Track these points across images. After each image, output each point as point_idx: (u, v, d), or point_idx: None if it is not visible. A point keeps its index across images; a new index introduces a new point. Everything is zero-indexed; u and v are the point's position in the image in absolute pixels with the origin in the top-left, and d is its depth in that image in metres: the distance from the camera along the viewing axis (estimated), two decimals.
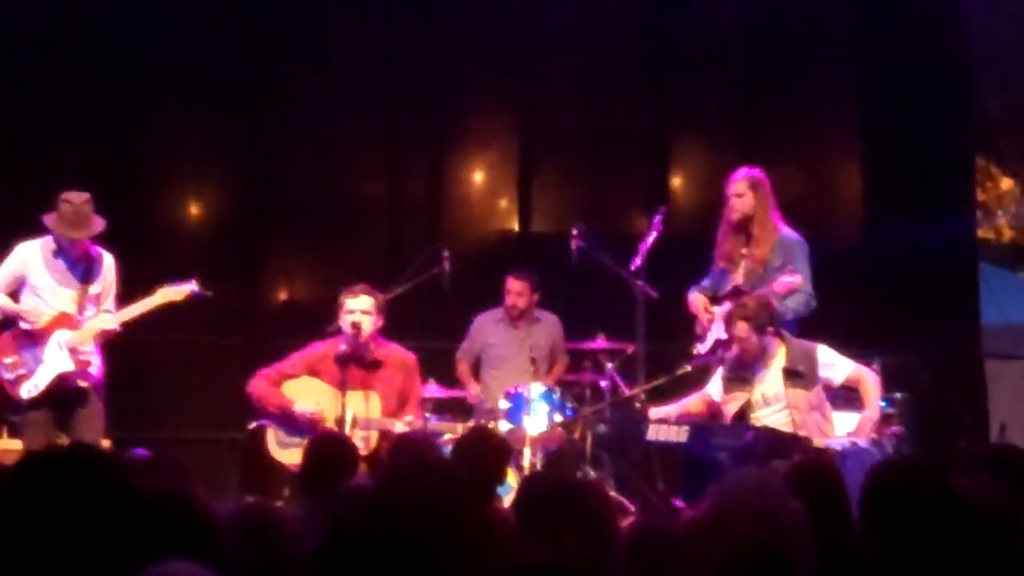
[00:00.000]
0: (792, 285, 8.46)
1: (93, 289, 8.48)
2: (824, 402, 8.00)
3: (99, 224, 8.39)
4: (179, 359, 10.88)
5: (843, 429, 8.02)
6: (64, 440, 8.28)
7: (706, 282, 9.07)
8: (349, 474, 5.70)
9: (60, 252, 8.43)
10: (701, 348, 8.90)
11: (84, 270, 8.47)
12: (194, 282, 8.65)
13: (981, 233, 11.76)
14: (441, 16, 11.54)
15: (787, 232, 8.84)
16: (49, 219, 8.33)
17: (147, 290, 8.60)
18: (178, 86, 11.15)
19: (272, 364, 8.71)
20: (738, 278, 8.84)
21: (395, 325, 8.91)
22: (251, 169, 11.59)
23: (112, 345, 8.61)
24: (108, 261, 8.57)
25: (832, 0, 11.00)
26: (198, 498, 3.72)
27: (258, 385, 8.61)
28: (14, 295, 8.45)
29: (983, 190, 11.83)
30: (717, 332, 8.80)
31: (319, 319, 9.23)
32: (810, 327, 8.55)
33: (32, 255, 8.44)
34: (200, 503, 3.68)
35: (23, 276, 8.43)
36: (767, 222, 8.83)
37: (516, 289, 10.12)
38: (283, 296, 11.66)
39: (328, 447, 6.15)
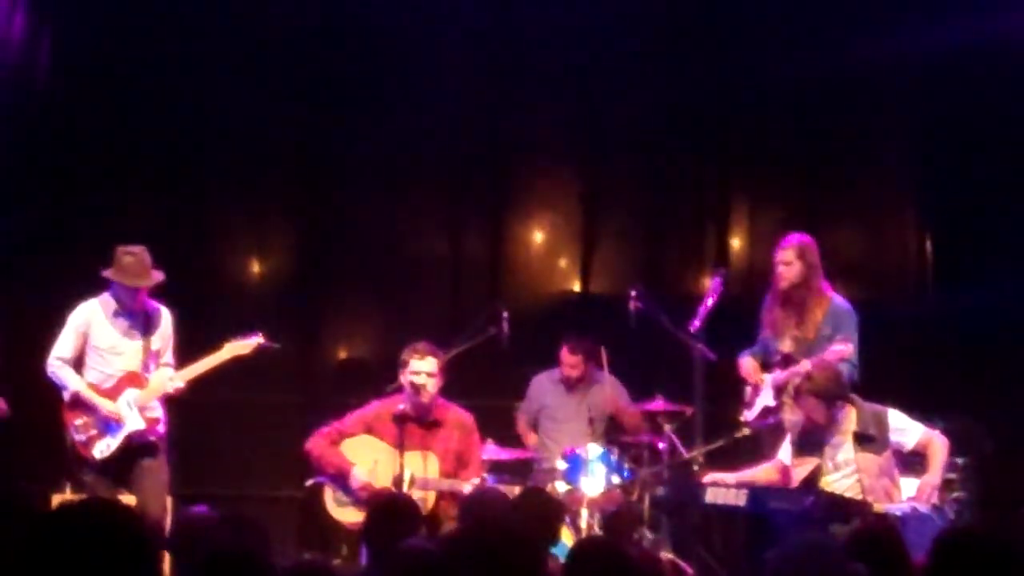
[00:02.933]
0: (843, 354, 8.38)
1: (154, 344, 8.54)
2: (893, 467, 7.92)
3: (159, 274, 8.47)
4: (239, 416, 10.94)
5: (905, 494, 7.95)
6: (128, 497, 8.35)
7: (756, 347, 9.03)
8: (410, 533, 5.70)
9: (120, 308, 8.50)
10: (748, 415, 8.86)
11: (144, 325, 8.53)
12: (260, 335, 8.70)
13: None
14: (504, 78, 11.62)
15: (838, 300, 8.77)
16: (110, 273, 8.40)
17: (209, 348, 8.66)
18: (241, 145, 11.27)
19: (331, 422, 8.73)
20: (786, 346, 8.77)
21: (454, 384, 8.91)
22: (313, 227, 11.68)
23: (173, 402, 8.66)
24: (166, 315, 8.62)
25: (894, 58, 10.97)
26: (260, 555, 3.76)
27: (317, 444, 8.62)
28: (80, 358, 8.51)
29: None
30: (766, 399, 8.77)
31: (378, 377, 9.27)
32: (873, 390, 8.49)
33: (94, 314, 8.50)
34: (263, 560, 3.71)
35: (86, 335, 8.49)
36: (816, 290, 8.76)
37: (570, 363, 10.12)
38: (343, 354, 11.71)
39: (391, 506, 6.16)
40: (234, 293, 11.39)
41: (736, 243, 11.78)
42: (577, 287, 11.92)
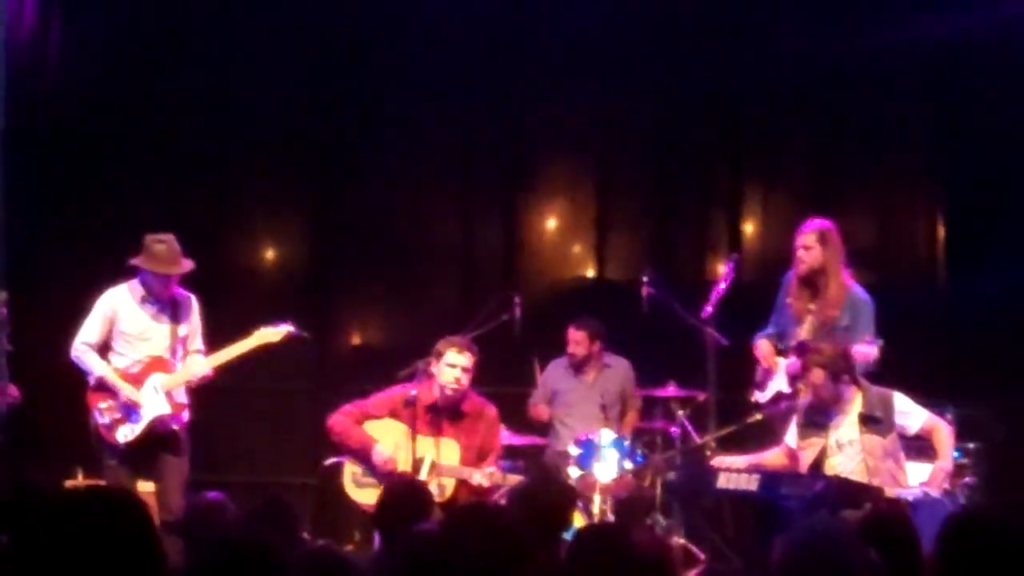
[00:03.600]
0: (868, 356, 8.34)
1: (181, 331, 8.56)
2: (899, 450, 7.94)
3: (188, 263, 8.50)
4: (252, 403, 10.98)
5: (915, 479, 7.95)
6: (147, 486, 8.39)
7: (770, 329, 9.00)
8: (421, 519, 5.72)
9: (148, 295, 8.52)
10: (760, 396, 8.84)
11: (172, 312, 8.56)
12: (290, 324, 8.72)
13: None
14: (516, 65, 11.61)
15: (857, 290, 8.72)
16: (140, 260, 8.43)
17: (223, 334, 8.68)
18: (256, 134, 11.30)
19: (354, 401, 8.74)
20: (803, 332, 8.75)
21: None
22: (326, 215, 11.72)
23: (194, 390, 8.67)
24: (193, 302, 8.65)
25: (907, 43, 10.95)
26: (275, 541, 3.77)
27: (339, 421, 8.63)
28: (106, 343, 8.55)
29: None
30: (779, 384, 8.76)
31: (391, 364, 9.27)
32: (884, 375, 8.48)
33: (121, 301, 8.52)
34: (278, 546, 3.73)
35: (113, 321, 8.52)
36: (836, 277, 8.71)
37: (575, 339, 10.13)
38: (356, 341, 11.73)
39: (402, 491, 6.17)
40: (248, 280, 11.43)
41: (748, 229, 11.78)
42: (591, 273, 11.92)
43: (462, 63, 11.47)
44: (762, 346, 8.91)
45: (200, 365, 8.52)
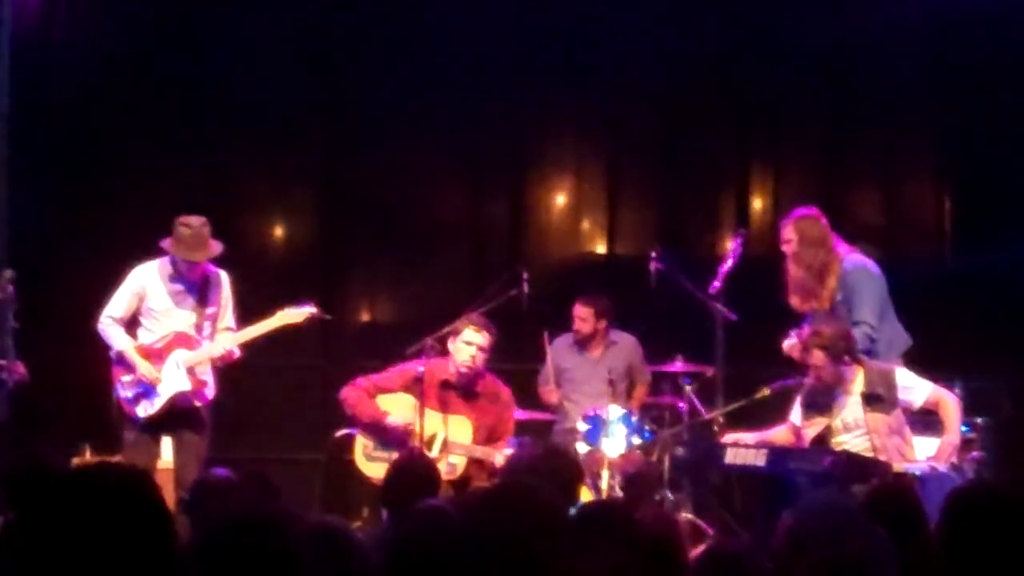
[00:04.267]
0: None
1: (210, 309, 8.59)
2: (904, 425, 7.94)
3: (217, 247, 8.51)
4: (261, 379, 10.97)
5: (923, 454, 7.95)
6: (167, 461, 8.42)
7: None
8: (429, 494, 5.73)
9: (177, 274, 8.53)
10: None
11: (200, 291, 8.57)
12: (313, 305, 8.73)
13: None
14: (524, 40, 11.59)
15: (848, 263, 8.61)
16: (168, 243, 8.45)
17: (234, 312, 8.71)
18: (263, 111, 11.27)
19: (368, 375, 8.75)
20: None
21: None
22: (335, 191, 11.71)
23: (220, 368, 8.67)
24: (224, 279, 8.68)
25: (913, 20, 10.93)
26: (281, 517, 3.77)
27: (352, 393, 8.65)
28: (133, 319, 8.56)
29: None
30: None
31: (400, 340, 9.28)
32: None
33: (150, 277, 8.55)
34: (283, 522, 3.73)
35: (142, 298, 8.54)
36: (825, 262, 8.59)
37: (580, 315, 10.11)
38: (365, 317, 11.74)
39: (411, 467, 6.19)
40: (257, 257, 11.41)
41: (757, 205, 11.78)
42: (600, 249, 11.92)
43: (472, 38, 11.43)
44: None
45: (222, 343, 8.53)
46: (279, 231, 11.76)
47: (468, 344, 8.58)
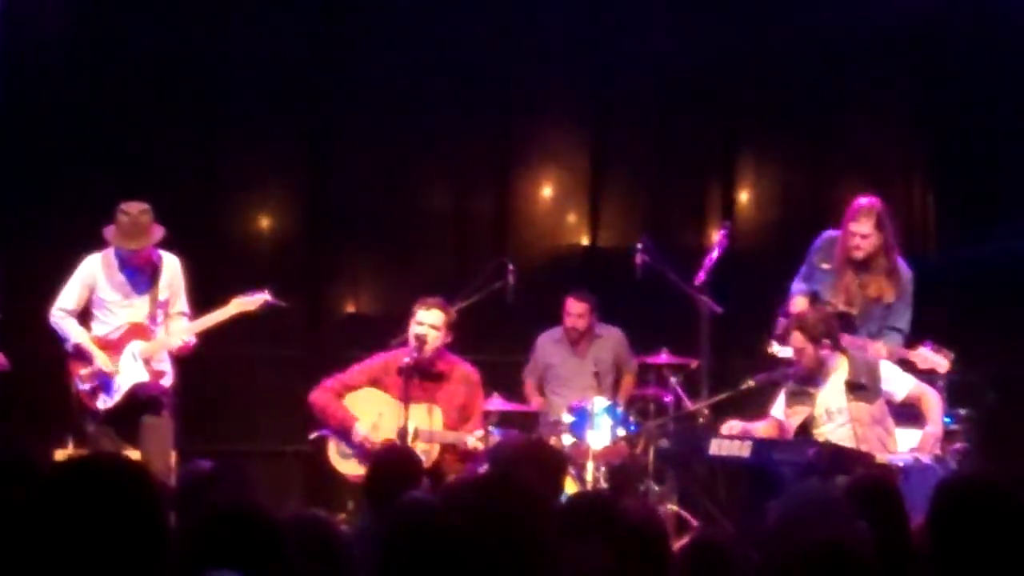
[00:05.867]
0: (934, 367, 8.28)
1: (161, 295, 8.52)
2: (886, 415, 7.96)
3: (158, 233, 8.38)
4: (245, 371, 10.97)
5: (906, 445, 7.98)
6: (132, 452, 8.37)
7: (805, 287, 8.75)
8: (411, 486, 5.73)
9: (123, 263, 8.49)
10: (778, 349, 8.67)
11: (149, 278, 8.51)
12: (267, 292, 8.70)
13: None
14: (511, 31, 11.58)
15: (904, 268, 8.67)
16: (108, 231, 8.38)
17: (215, 301, 8.67)
18: (246, 100, 11.24)
19: (335, 375, 8.76)
20: (852, 309, 8.62)
21: (459, 338, 8.92)
22: (318, 182, 11.67)
23: (177, 356, 8.66)
24: (171, 263, 8.56)
25: (900, 13, 10.94)
26: (263, 508, 3.77)
27: (320, 396, 8.66)
28: (86, 310, 8.53)
29: None
30: None
31: (384, 331, 9.28)
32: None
33: (100, 266, 8.48)
34: (265, 513, 3.73)
35: (92, 288, 8.50)
36: (892, 259, 8.60)
37: (576, 311, 10.12)
38: (349, 308, 11.72)
39: (393, 460, 6.19)
40: (240, 248, 11.39)
41: (742, 197, 11.79)
42: (585, 241, 11.93)
43: (456, 28, 11.41)
44: (798, 303, 8.70)
45: (178, 333, 8.49)
46: (263, 223, 11.72)
47: (418, 324, 8.57)
